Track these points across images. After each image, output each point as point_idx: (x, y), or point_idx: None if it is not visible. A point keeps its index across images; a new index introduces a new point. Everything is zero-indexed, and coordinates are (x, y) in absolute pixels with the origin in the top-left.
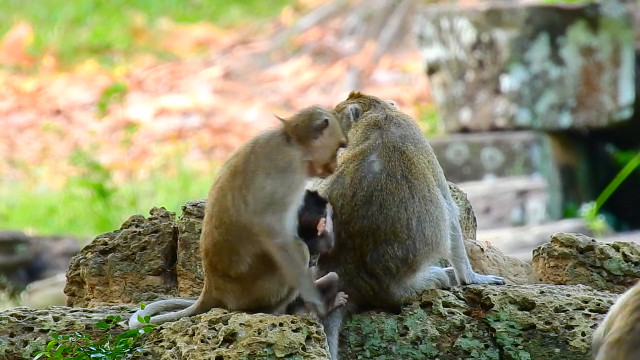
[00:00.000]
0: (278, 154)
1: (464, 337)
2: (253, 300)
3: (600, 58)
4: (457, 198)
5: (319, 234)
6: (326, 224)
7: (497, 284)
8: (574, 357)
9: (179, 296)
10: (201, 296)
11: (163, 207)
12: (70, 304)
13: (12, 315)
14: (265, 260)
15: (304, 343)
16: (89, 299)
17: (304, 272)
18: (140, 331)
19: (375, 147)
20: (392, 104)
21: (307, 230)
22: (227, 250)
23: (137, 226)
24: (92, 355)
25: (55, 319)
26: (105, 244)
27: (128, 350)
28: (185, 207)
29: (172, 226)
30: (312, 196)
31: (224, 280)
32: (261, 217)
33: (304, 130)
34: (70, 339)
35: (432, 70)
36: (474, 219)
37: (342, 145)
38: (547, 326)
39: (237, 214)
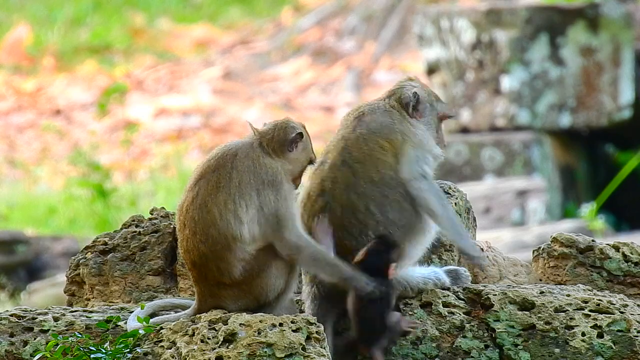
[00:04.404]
0: (261, 168)
1: (464, 337)
2: (252, 299)
3: (600, 58)
4: (456, 198)
5: (389, 277)
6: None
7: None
8: (573, 357)
9: (179, 296)
10: (195, 303)
11: (163, 207)
12: (70, 304)
13: (12, 315)
14: (258, 260)
15: (304, 343)
16: (88, 299)
17: (339, 266)
18: (140, 331)
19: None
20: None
21: (373, 271)
22: (214, 260)
23: (137, 226)
24: (92, 356)
25: (55, 319)
26: (105, 244)
27: (128, 350)
28: None
29: (172, 226)
30: (381, 240)
31: (219, 288)
32: (280, 237)
33: (279, 142)
34: (70, 339)
35: (432, 70)
36: (474, 219)
37: (311, 161)
38: (547, 326)
39: (226, 227)
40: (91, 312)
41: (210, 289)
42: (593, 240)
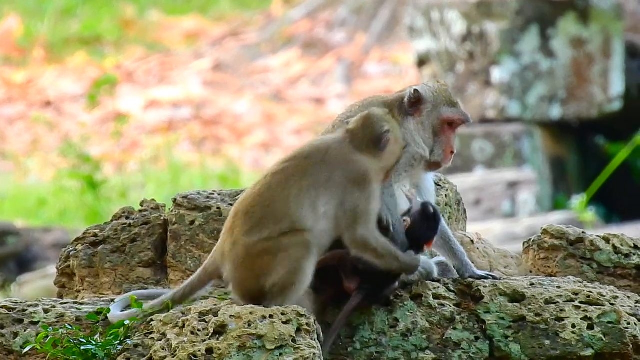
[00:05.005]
0: (352, 166)
1: (454, 329)
2: (249, 276)
3: (590, 49)
4: (447, 190)
5: (424, 250)
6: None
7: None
8: (564, 349)
9: (169, 288)
10: (206, 261)
11: (153, 199)
12: (61, 296)
13: (2, 307)
14: (280, 242)
15: (294, 335)
16: (79, 291)
17: (400, 258)
18: (126, 322)
19: None
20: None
21: (411, 240)
22: (256, 221)
23: (127, 218)
24: (82, 347)
25: (46, 311)
26: (96, 235)
27: (118, 342)
28: (175, 199)
29: (162, 218)
30: (427, 211)
31: (234, 246)
32: (352, 231)
33: (370, 141)
34: (60, 330)
35: (422, 62)
36: (464, 210)
37: (404, 147)
38: (537, 318)
39: (295, 208)
40: (81, 304)
41: (227, 245)
42: (583, 232)
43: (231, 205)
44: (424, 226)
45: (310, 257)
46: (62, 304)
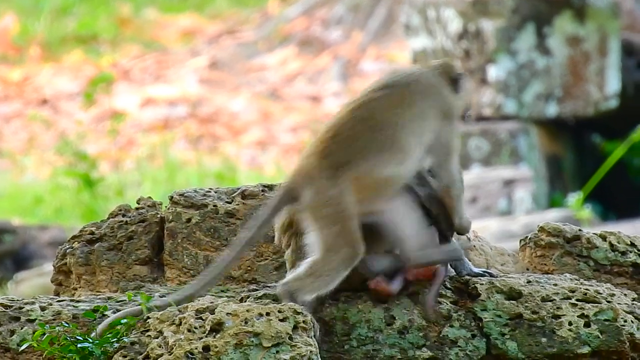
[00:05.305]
0: (444, 99)
1: (451, 326)
2: (322, 219)
3: (586, 48)
4: None
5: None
6: None
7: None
8: (560, 347)
9: (165, 286)
10: (287, 182)
11: (150, 197)
12: (57, 294)
13: None
14: (341, 217)
15: (290, 332)
16: (75, 289)
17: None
18: (123, 320)
19: None
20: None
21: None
22: (357, 151)
23: (123, 216)
24: (79, 345)
25: (42, 309)
26: (92, 233)
27: (115, 339)
28: (172, 197)
29: (158, 216)
30: None
31: (323, 169)
32: (447, 164)
33: (449, 81)
34: (57, 328)
35: (418, 60)
36: None
37: (466, 108)
38: (534, 316)
39: (406, 135)
40: (78, 301)
41: (316, 167)
42: (580, 230)
43: (228, 203)
44: None
45: (347, 270)
46: (58, 301)
